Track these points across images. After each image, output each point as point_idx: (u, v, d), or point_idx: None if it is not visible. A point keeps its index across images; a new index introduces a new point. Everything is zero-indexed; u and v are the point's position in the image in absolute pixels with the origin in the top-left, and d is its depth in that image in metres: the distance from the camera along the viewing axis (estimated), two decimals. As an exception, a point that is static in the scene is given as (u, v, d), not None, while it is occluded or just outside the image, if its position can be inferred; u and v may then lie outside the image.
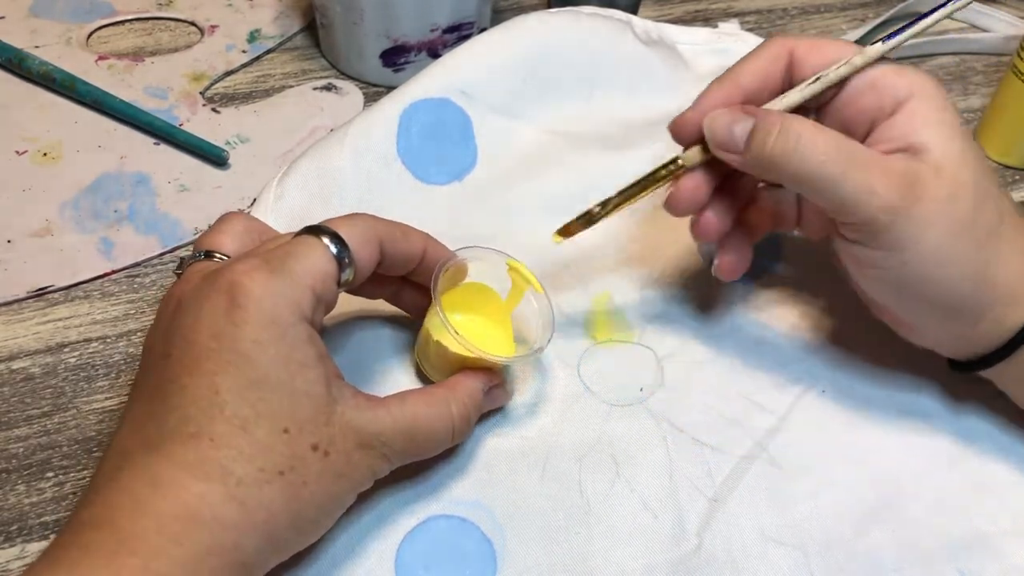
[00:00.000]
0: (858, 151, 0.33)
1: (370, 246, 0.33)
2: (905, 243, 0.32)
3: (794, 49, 0.36)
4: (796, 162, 0.33)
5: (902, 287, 0.34)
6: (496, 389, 0.37)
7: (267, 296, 0.29)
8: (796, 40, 0.36)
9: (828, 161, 0.32)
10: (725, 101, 0.36)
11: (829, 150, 0.32)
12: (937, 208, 0.32)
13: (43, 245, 0.45)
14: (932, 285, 0.33)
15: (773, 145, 0.33)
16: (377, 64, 0.56)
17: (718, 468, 0.37)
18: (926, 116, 0.33)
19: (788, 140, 0.33)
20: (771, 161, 0.33)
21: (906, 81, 0.34)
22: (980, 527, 0.36)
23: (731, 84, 0.36)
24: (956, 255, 0.33)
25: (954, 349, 0.37)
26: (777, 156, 0.33)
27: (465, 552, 0.34)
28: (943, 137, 0.33)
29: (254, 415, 0.28)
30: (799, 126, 0.33)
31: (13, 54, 0.54)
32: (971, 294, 0.34)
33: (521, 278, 0.38)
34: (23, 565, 0.34)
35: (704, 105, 0.36)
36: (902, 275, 0.34)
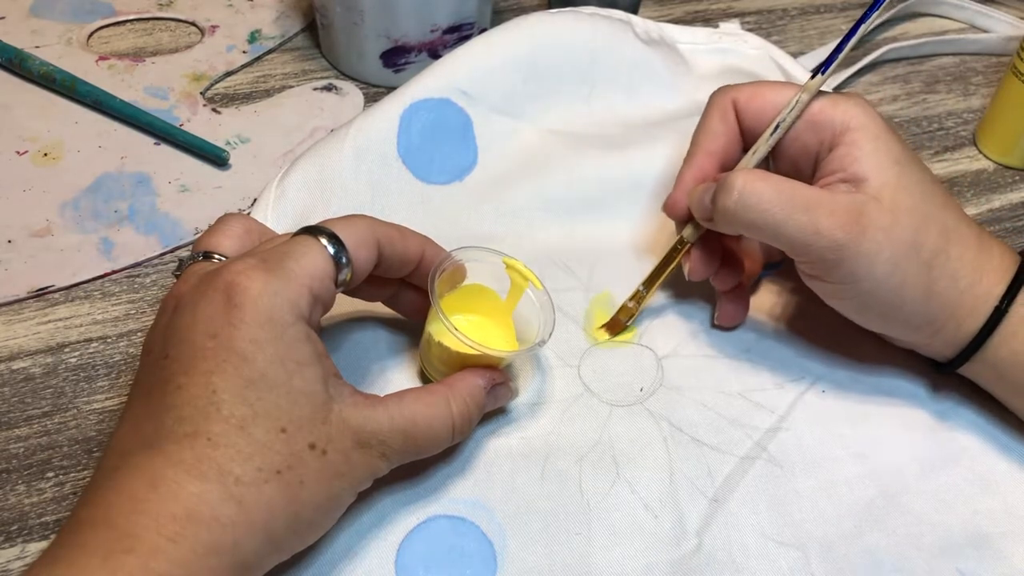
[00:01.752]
0: (799, 194, 0.35)
1: (367, 247, 0.33)
2: (857, 274, 0.35)
3: (736, 100, 0.39)
4: (742, 214, 0.35)
5: (863, 310, 0.37)
6: (500, 387, 0.36)
7: (264, 295, 0.29)
8: (738, 90, 0.39)
9: (770, 208, 0.34)
10: (700, 174, 0.39)
11: (770, 197, 0.34)
12: (881, 237, 0.34)
13: (43, 245, 0.45)
14: (889, 306, 0.36)
15: (721, 202, 0.36)
16: (377, 64, 0.56)
17: (718, 468, 0.37)
18: (862, 146, 0.35)
19: (731, 194, 0.35)
20: (725, 216, 0.36)
21: (840, 113, 0.36)
22: (981, 527, 0.36)
23: (701, 155, 0.39)
24: (905, 279, 0.35)
25: (931, 352, 0.39)
26: (727, 211, 0.35)
27: (465, 552, 0.34)
28: (879, 167, 0.35)
29: (251, 414, 0.28)
30: (740, 180, 0.35)
31: (14, 54, 0.54)
32: (924, 310, 0.36)
33: (519, 275, 0.38)
34: (23, 565, 0.34)
35: (683, 183, 0.39)
36: (861, 302, 0.36)
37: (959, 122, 0.58)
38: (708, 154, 0.39)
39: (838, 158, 0.36)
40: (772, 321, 0.43)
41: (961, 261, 0.35)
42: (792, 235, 0.34)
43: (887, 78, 0.61)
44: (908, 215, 0.34)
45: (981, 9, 0.66)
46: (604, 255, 0.45)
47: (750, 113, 0.38)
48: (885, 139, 0.35)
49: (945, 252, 0.35)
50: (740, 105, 0.39)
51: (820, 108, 0.37)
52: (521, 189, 0.47)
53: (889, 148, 0.35)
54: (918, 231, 0.35)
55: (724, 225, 0.37)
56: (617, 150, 0.48)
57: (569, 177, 0.48)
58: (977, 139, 0.57)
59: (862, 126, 0.36)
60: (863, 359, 0.41)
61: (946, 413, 0.39)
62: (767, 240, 0.36)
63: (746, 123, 0.39)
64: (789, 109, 0.37)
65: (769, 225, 0.35)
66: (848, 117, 0.36)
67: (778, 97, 0.38)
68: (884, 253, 0.34)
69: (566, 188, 0.47)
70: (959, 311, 0.36)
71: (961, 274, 0.35)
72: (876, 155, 0.35)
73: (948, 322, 0.36)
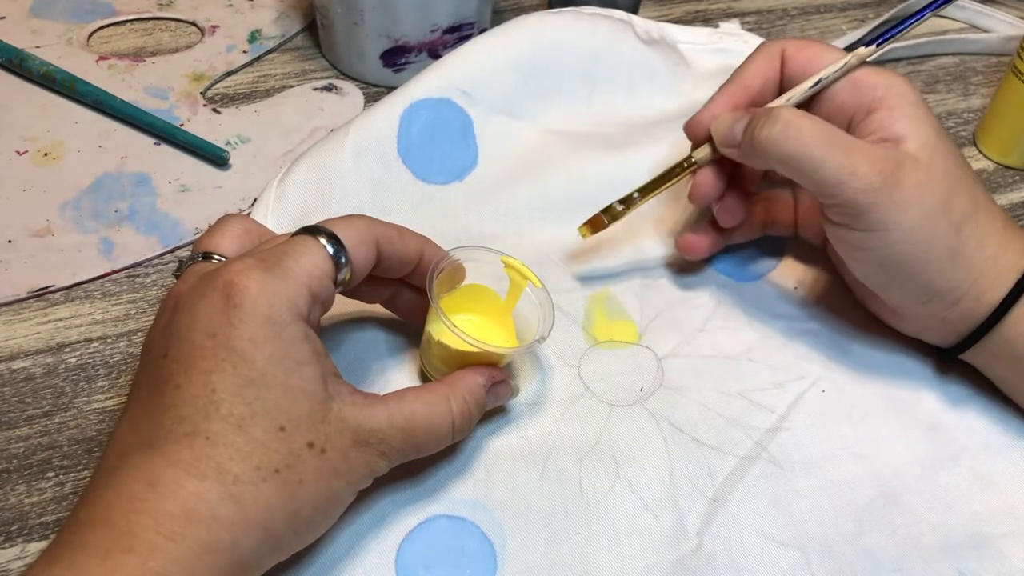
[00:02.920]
0: (840, 136, 0.36)
1: (366, 246, 0.33)
2: (886, 223, 0.35)
3: (784, 47, 0.40)
4: (782, 144, 0.36)
5: (886, 267, 0.37)
6: (500, 385, 0.36)
7: (263, 295, 0.29)
8: (787, 41, 0.41)
9: (811, 144, 0.35)
10: (732, 102, 0.40)
11: (813, 133, 0.35)
12: (915, 191, 0.35)
13: (44, 245, 0.45)
14: (913, 264, 0.36)
15: (760, 131, 0.36)
16: (377, 64, 0.56)
17: (718, 468, 0.37)
18: (903, 111, 0.36)
19: (775, 125, 0.36)
20: (761, 146, 0.37)
21: (883, 81, 0.37)
22: (981, 527, 0.36)
23: (737, 86, 0.40)
24: (934, 235, 0.35)
25: (939, 334, 0.39)
26: (765, 140, 0.36)
27: (465, 552, 0.34)
28: (919, 130, 0.36)
29: (250, 413, 0.28)
30: (786, 113, 0.36)
31: (14, 54, 0.54)
32: (950, 273, 0.36)
33: (518, 274, 0.38)
34: (23, 565, 0.34)
35: (714, 107, 0.40)
36: (885, 255, 0.36)
37: (959, 122, 0.58)
38: (744, 87, 0.40)
39: (877, 120, 0.37)
40: (772, 321, 0.43)
41: (989, 229, 0.36)
42: (828, 173, 0.35)
43: (887, 78, 0.61)
44: (943, 176, 0.35)
45: (981, 9, 0.66)
46: (604, 255, 0.45)
47: (796, 62, 0.40)
48: (924, 109, 0.37)
49: (974, 219, 0.36)
50: (788, 53, 0.40)
51: (863, 74, 0.38)
52: (521, 189, 0.47)
53: (927, 117, 0.37)
54: (951, 192, 0.35)
55: (758, 155, 0.37)
56: (617, 150, 0.48)
57: (569, 177, 0.48)
58: (977, 139, 0.57)
59: (903, 94, 0.37)
60: (864, 359, 0.41)
61: (948, 412, 0.39)
62: (799, 176, 0.36)
63: (789, 71, 0.40)
64: (836, 68, 0.38)
65: (808, 159, 0.35)
66: (890, 84, 0.37)
67: (825, 55, 0.39)
68: (915, 205, 0.35)
69: (566, 188, 0.47)
70: (982, 280, 0.36)
71: (987, 242, 0.36)
72: (916, 120, 0.36)
73: (970, 290, 0.36)
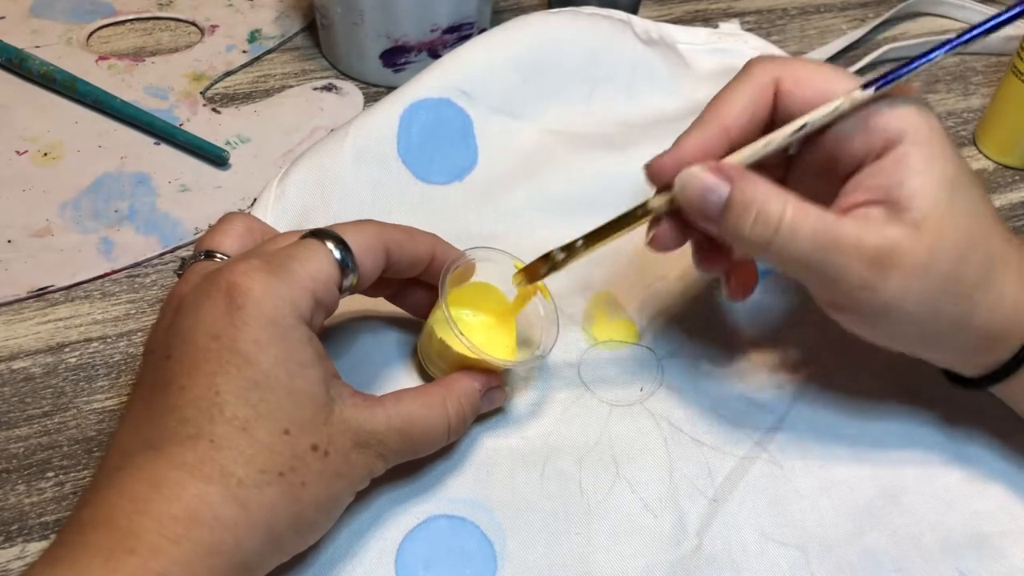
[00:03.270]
0: (836, 232, 0.31)
1: (375, 254, 0.33)
2: (886, 311, 0.32)
3: (780, 81, 0.33)
4: (777, 248, 0.31)
5: (893, 339, 0.34)
6: (494, 390, 0.36)
7: (267, 297, 0.29)
8: (783, 68, 0.33)
9: (809, 248, 0.31)
10: (706, 147, 0.33)
11: (811, 237, 0.31)
12: (912, 275, 0.31)
13: (43, 245, 0.45)
14: (921, 336, 0.33)
15: (751, 229, 0.31)
16: (377, 64, 0.56)
17: (718, 468, 0.37)
18: (913, 164, 0.31)
19: (768, 227, 0.31)
20: (750, 243, 0.32)
21: (899, 121, 0.31)
22: (981, 527, 0.36)
23: (715, 127, 0.33)
24: (937, 313, 0.32)
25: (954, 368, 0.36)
26: (757, 240, 0.31)
27: (465, 552, 0.34)
28: (928, 189, 0.31)
29: (254, 416, 0.28)
30: (780, 209, 0.31)
31: (14, 54, 0.54)
32: (960, 339, 0.33)
33: None
34: (23, 565, 0.34)
35: (683, 150, 0.34)
36: (888, 332, 0.33)
37: (959, 122, 0.58)
38: (723, 129, 0.33)
39: (884, 173, 0.31)
40: (773, 320, 0.43)
41: (1004, 285, 0.32)
42: (823, 274, 0.31)
43: (887, 78, 0.61)
44: (950, 249, 0.31)
45: (981, 9, 0.66)
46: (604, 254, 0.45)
47: (794, 100, 0.33)
48: (940, 157, 0.31)
49: (987, 282, 0.32)
50: (784, 88, 0.33)
51: (877, 110, 0.32)
52: (521, 189, 0.47)
53: (943, 169, 0.31)
54: (959, 263, 0.31)
55: (739, 246, 0.33)
56: (617, 150, 0.48)
57: (569, 177, 0.47)
58: (977, 139, 0.57)
59: (916, 140, 0.31)
60: (864, 359, 0.41)
61: (948, 413, 0.39)
62: (786, 272, 0.33)
63: (784, 109, 0.33)
64: (822, 114, 0.32)
65: (801, 265, 0.31)
66: (904, 125, 0.31)
67: (832, 87, 0.32)
68: (915, 292, 0.31)
69: (566, 188, 0.47)
70: (997, 338, 0.33)
71: (1003, 300, 0.32)
72: (927, 176, 0.31)
73: (983, 348, 0.34)
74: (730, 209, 0.32)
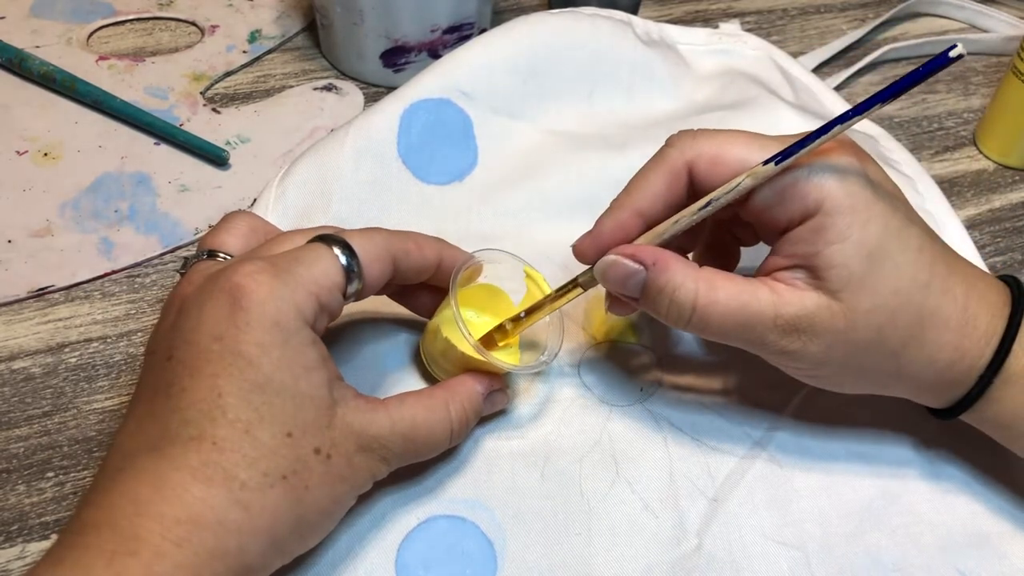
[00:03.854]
0: (747, 307, 0.32)
1: (382, 262, 0.33)
2: (813, 367, 0.33)
3: (695, 163, 0.33)
4: (695, 325, 0.33)
5: (834, 386, 0.35)
6: (497, 393, 0.36)
7: (271, 299, 0.29)
8: (699, 147, 0.33)
9: (720, 324, 0.32)
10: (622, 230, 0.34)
11: (722, 316, 0.32)
12: (833, 342, 0.32)
13: (43, 245, 0.45)
14: (856, 385, 0.34)
15: (668, 310, 0.33)
16: (377, 64, 0.56)
17: (718, 468, 0.37)
18: (829, 233, 0.31)
19: (683, 312, 0.32)
20: (672, 321, 0.33)
21: (816, 190, 0.31)
22: (981, 527, 0.36)
23: (629, 211, 0.34)
24: (867, 369, 0.33)
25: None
26: (676, 319, 0.33)
27: (465, 552, 0.34)
28: (844, 258, 0.31)
29: (257, 418, 0.28)
30: (690, 297, 0.32)
31: (14, 54, 0.54)
32: (897, 388, 0.34)
33: (536, 287, 0.38)
34: (23, 565, 0.34)
35: (601, 233, 0.35)
36: (827, 382, 0.34)
37: (959, 122, 0.58)
38: (637, 213, 0.34)
39: (803, 241, 0.31)
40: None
41: (938, 344, 0.32)
42: (745, 343, 0.33)
43: (887, 78, 0.61)
44: (869, 316, 0.31)
45: (981, 9, 0.66)
46: (604, 255, 0.45)
47: (710, 178, 0.33)
48: (859, 225, 0.31)
49: (918, 339, 0.32)
50: (699, 169, 0.33)
51: (795, 182, 0.31)
52: (521, 189, 0.47)
53: (862, 238, 0.31)
54: (881, 329, 0.31)
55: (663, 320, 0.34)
56: (617, 150, 0.48)
57: (569, 177, 0.47)
58: (977, 139, 0.57)
59: (835, 209, 0.31)
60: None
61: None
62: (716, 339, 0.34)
63: (700, 189, 0.34)
64: (725, 191, 0.32)
65: (713, 335, 0.33)
66: (822, 195, 0.31)
67: (748, 160, 0.32)
68: (836, 354, 0.32)
69: (566, 188, 0.47)
70: (938, 386, 0.34)
71: (938, 356, 0.32)
72: (842, 246, 0.31)
73: (927, 394, 0.34)
74: (646, 294, 0.33)
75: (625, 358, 0.41)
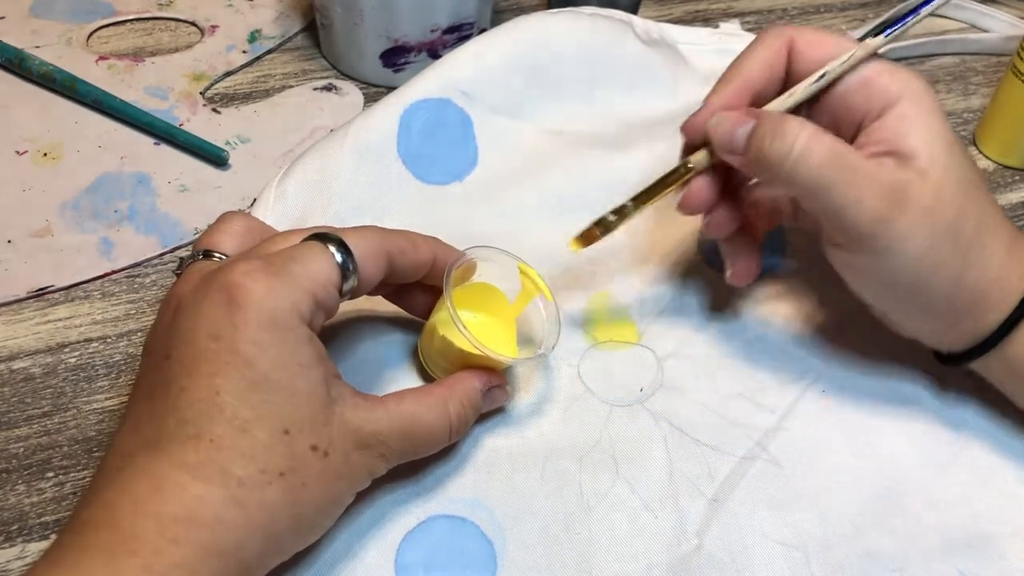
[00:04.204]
0: (851, 159, 0.33)
1: (377, 260, 0.33)
2: (890, 250, 0.33)
3: (794, 41, 0.36)
4: (791, 165, 0.33)
5: (887, 289, 0.36)
6: (496, 390, 0.36)
7: (267, 298, 0.29)
8: (796, 31, 0.37)
9: (823, 167, 0.33)
10: (733, 100, 0.37)
11: (824, 157, 0.33)
12: (920, 218, 0.33)
13: (43, 245, 0.45)
14: (915, 288, 0.35)
15: (770, 147, 0.34)
16: (377, 64, 0.56)
17: (718, 468, 0.37)
18: (914, 120, 0.34)
19: (785, 143, 0.33)
20: (769, 163, 0.34)
21: (897, 82, 0.34)
22: (982, 527, 0.36)
23: (738, 81, 0.37)
24: (938, 261, 0.34)
25: (937, 343, 0.38)
26: (774, 158, 0.34)
27: (465, 552, 0.34)
28: (930, 143, 0.33)
29: (254, 416, 0.28)
30: (797, 129, 0.33)
31: (13, 54, 0.54)
32: (951, 297, 0.35)
33: (531, 283, 0.38)
34: (23, 565, 0.34)
35: (712, 105, 0.37)
36: (887, 279, 0.35)
37: (959, 122, 0.58)
38: (746, 83, 0.37)
39: (887, 128, 0.34)
40: (772, 321, 0.43)
41: (993, 251, 0.34)
42: (834, 199, 0.33)
43: (887, 78, 0.61)
44: (952, 198, 0.33)
45: (981, 9, 0.66)
46: (604, 255, 0.45)
47: (806, 59, 0.36)
48: (938, 118, 0.34)
49: (980, 241, 0.34)
50: (797, 48, 0.36)
51: (876, 72, 0.35)
52: (521, 189, 0.47)
53: (941, 127, 0.34)
54: (959, 215, 0.33)
55: (761, 170, 0.35)
56: (617, 150, 0.48)
57: (569, 177, 0.48)
58: (977, 139, 0.57)
59: (919, 99, 0.34)
60: (864, 359, 0.41)
61: (947, 412, 0.39)
62: (803, 198, 0.35)
63: (797, 67, 0.37)
64: (840, 62, 0.35)
65: (817, 185, 0.33)
66: (904, 88, 0.34)
67: (840, 46, 0.36)
68: (922, 232, 0.33)
69: (566, 188, 0.47)
70: (984, 303, 0.35)
71: (992, 265, 0.34)
72: (928, 132, 0.34)
73: (971, 312, 0.35)
74: (753, 135, 0.34)
75: (625, 358, 0.41)
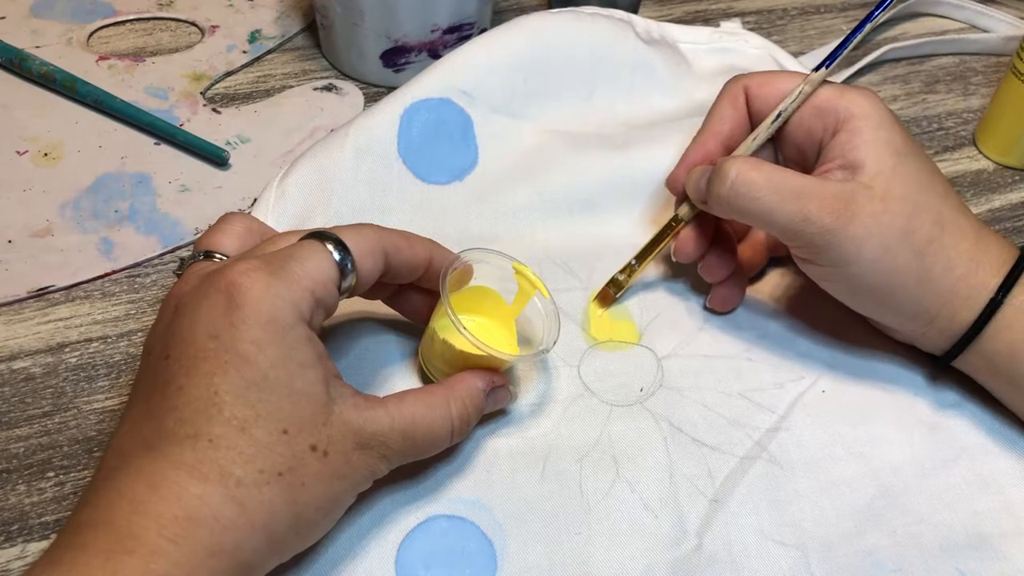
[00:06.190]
0: (789, 183, 0.36)
1: (374, 256, 0.33)
2: (847, 258, 0.35)
3: (748, 87, 0.40)
4: (735, 201, 0.36)
5: (856, 295, 0.38)
6: (499, 390, 0.36)
7: (266, 297, 0.29)
8: (748, 78, 0.41)
9: (761, 196, 0.36)
10: (704, 152, 0.41)
11: (761, 185, 0.36)
12: (870, 225, 0.35)
13: (44, 245, 0.45)
14: (880, 292, 0.36)
15: (715, 188, 0.37)
16: (377, 64, 0.56)
17: (718, 468, 0.37)
18: (862, 135, 0.36)
19: (725, 182, 0.36)
20: (719, 202, 0.37)
21: (847, 101, 0.37)
22: (981, 527, 0.36)
23: (707, 134, 0.41)
24: (895, 265, 0.35)
25: (926, 344, 0.39)
26: (720, 196, 0.37)
27: (465, 552, 0.34)
28: (877, 155, 0.36)
29: (253, 416, 0.28)
30: (736, 167, 0.36)
31: (14, 54, 0.54)
32: (918, 298, 0.36)
33: (528, 282, 0.38)
34: (24, 565, 0.34)
35: (687, 160, 0.41)
36: (852, 285, 0.37)
37: (959, 122, 0.58)
38: (714, 135, 0.40)
39: (839, 144, 0.37)
40: (772, 321, 0.43)
41: (956, 250, 0.36)
42: (782, 222, 0.36)
43: (887, 78, 0.61)
44: (900, 203, 0.35)
45: (981, 9, 0.66)
46: (604, 255, 0.45)
47: (760, 100, 0.40)
48: (887, 129, 0.36)
49: (939, 241, 0.35)
50: (751, 91, 0.40)
51: (827, 96, 0.38)
52: (521, 189, 0.47)
53: (890, 138, 0.36)
54: (911, 218, 0.35)
55: (717, 209, 0.38)
56: (617, 150, 0.48)
57: (569, 177, 0.48)
58: (977, 139, 0.57)
59: (865, 115, 0.37)
60: (864, 359, 0.41)
61: (947, 412, 0.39)
62: (759, 226, 0.38)
63: (755, 109, 0.40)
64: (791, 99, 0.38)
65: (760, 212, 0.36)
66: (852, 106, 0.37)
67: (788, 85, 0.39)
68: (873, 238, 0.35)
69: (566, 188, 0.47)
70: (954, 300, 0.36)
71: (956, 263, 0.36)
72: (875, 144, 0.36)
73: (942, 311, 0.36)
74: (708, 182, 0.38)
75: (625, 358, 0.41)
